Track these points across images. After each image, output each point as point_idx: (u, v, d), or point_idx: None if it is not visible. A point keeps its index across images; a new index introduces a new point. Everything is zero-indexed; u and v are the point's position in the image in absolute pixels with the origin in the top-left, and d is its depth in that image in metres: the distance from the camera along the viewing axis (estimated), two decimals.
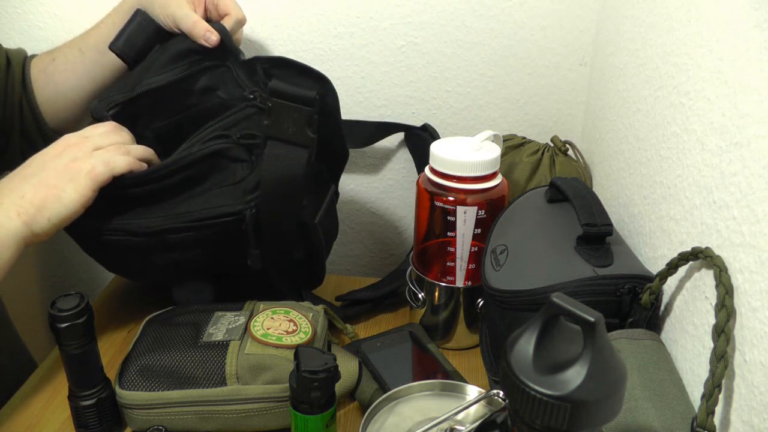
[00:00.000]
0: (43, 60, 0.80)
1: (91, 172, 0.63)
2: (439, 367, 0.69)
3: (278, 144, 0.66)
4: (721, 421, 0.48)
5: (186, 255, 0.70)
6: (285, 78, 0.68)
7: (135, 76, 0.73)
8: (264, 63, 0.72)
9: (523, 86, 0.91)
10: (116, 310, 0.82)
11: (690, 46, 0.58)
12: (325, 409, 0.52)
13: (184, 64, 0.72)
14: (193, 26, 0.71)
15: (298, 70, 0.70)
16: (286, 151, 0.66)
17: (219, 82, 0.73)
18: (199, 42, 0.71)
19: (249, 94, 0.71)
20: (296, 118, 0.65)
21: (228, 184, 0.69)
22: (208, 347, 0.62)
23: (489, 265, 0.67)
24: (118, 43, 0.73)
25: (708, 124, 0.53)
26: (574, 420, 0.32)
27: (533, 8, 0.86)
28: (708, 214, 0.53)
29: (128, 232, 0.67)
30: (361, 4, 0.87)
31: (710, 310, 0.51)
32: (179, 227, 0.67)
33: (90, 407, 0.59)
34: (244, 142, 0.69)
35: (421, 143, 0.90)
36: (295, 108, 0.64)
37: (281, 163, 0.66)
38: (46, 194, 0.61)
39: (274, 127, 0.65)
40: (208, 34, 0.71)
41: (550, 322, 0.34)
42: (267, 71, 0.72)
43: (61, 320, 0.55)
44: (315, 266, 0.78)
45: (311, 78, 0.70)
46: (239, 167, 0.69)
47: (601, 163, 0.83)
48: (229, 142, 0.69)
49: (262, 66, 0.72)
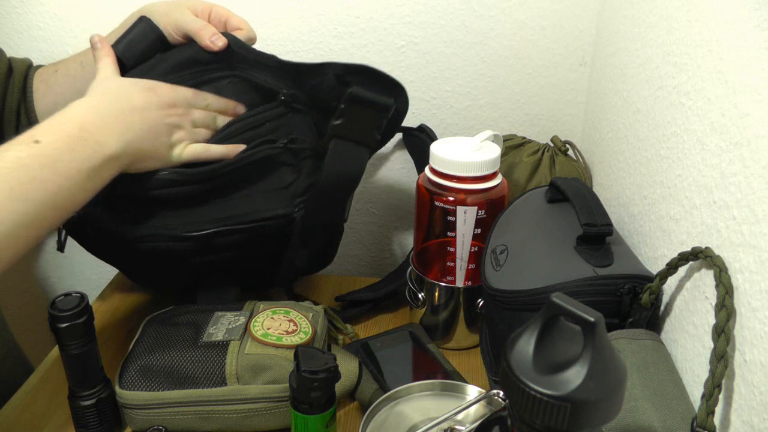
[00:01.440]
0: (47, 71, 0.80)
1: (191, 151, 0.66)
2: (439, 367, 0.69)
3: (344, 143, 0.67)
4: (721, 421, 0.48)
5: (224, 256, 0.70)
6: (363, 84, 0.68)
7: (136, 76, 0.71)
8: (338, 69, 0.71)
9: (523, 86, 0.91)
10: (116, 310, 0.82)
11: (690, 46, 0.58)
12: (325, 409, 0.52)
13: (186, 75, 0.71)
14: (200, 29, 0.70)
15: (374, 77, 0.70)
16: (350, 149, 0.68)
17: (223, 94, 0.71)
18: (204, 44, 0.70)
19: (282, 96, 0.70)
20: (369, 121, 0.67)
21: (275, 188, 0.70)
22: (208, 347, 0.62)
23: (489, 265, 0.67)
24: (118, 47, 0.71)
25: (708, 124, 0.53)
26: (574, 420, 0.32)
27: (533, 8, 0.86)
28: (708, 214, 0.53)
29: (172, 238, 0.67)
30: (361, 4, 0.87)
31: (710, 310, 0.51)
32: (229, 230, 0.68)
33: (90, 407, 0.59)
34: (291, 146, 0.70)
35: (419, 144, 0.91)
36: (371, 113, 0.67)
37: (343, 161, 0.68)
38: (158, 148, 0.64)
39: (344, 127, 0.67)
40: (215, 37, 0.70)
41: (550, 322, 0.34)
42: (339, 78, 0.70)
43: (61, 320, 0.55)
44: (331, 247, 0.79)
45: (388, 85, 0.70)
46: (286, 171, 0.70)
47: (601, 163, 0.83)
48: (277, 148, 0.69)
49: (335, 72, 0.70)
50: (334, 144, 0.67)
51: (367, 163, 0.74)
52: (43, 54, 0.93)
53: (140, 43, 0.71)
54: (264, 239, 0.70)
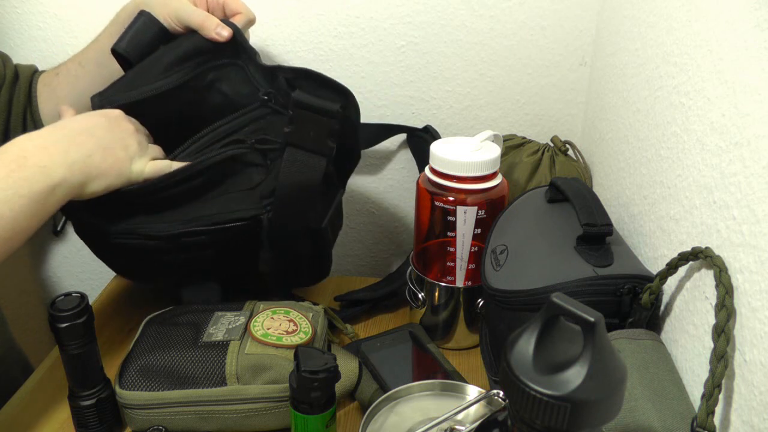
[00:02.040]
0: (49, 74, 0.81)
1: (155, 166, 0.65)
2: (439, 367, 0.69)
3: (297, 151, 0.66)
4: (721, 421, 0.48)
5: (198, 256, 0.70)
6: (308, 89, 0.68)
7: (135, 75, 0.72)
8: (287, 73, 0.71)
9: (523, 86, 0.91)
10: (116, 310, 0.82)
11: (690, 46, 0.58)
12: (325, 409, 0.52)
13: (190, 65, 0.71)
14: (204, 20, 0.69)
15: (321, 83, 0.70)
16: (305, 158, 0.66)
17: (225, 79, 0.72)
18: (209, 36, 0.70)
19: (263, 95, 0.71)
20: (318, 128, 0.66)
21: (244, 189, 0.69)
22: (208, 347, 0.62)
23: (489, 265, 0.67)
24: (121, 44, 0.71)
25: (708, 124, 0.53)
26: (574, 420, 0.32)
27: (533, 8, 0.86)
28: (708, 214, 0.53)
29: (144, 236, 0.67)
30: (361, 4, 0.87)
31: (710, 310, 0.51)
32: (196, 231, 0.68)
33: (90, 407, 0.59)
34: (259, 147, 0.69)
35: (422, 145, 0.90)
36: (318, 119, 0.65)
37: (299, 170, 0.67)
38: (112, 165, 0.62)
39: (295, 134, 0.66)
40: (219, 28, 0.69)
41: (550, 322, 0.34)
42: (289, 81, 0.71)
43: (61, 320, 0.55)
44: (322, 260, 0.78)
45: (334, 91, 0.70)
46: (255, 171, 0.70)
47: (601, 163, 0.83)
48: (244, 147, 0.69)
49: (285, 76, 0.71)
50: (288, 152, 0.67)
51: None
52: (43, 54, 0.93)
53: (142, 37, 0.71)
54: (233, 242, 0.70)
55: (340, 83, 0.70)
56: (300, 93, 0.65)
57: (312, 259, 0.76)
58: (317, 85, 0.70)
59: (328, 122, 0.65)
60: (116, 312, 0.82)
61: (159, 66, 0.71)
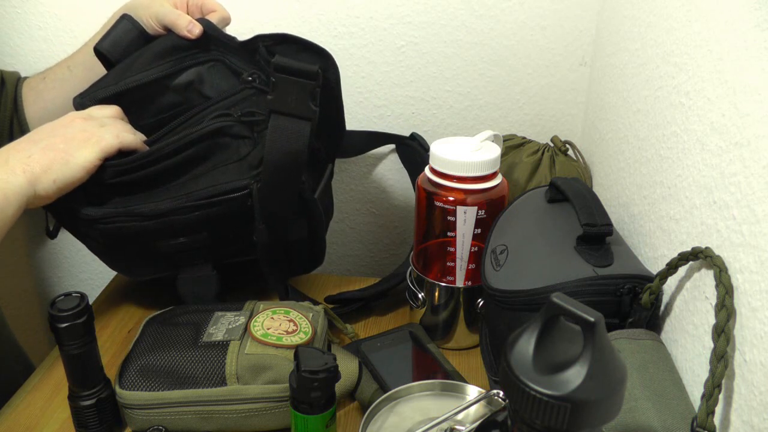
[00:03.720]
0: (35, 79, 0.82)
1: (100, 141, 0.65)
2: (439, 367, 0.69)
3: (282, 117, 0.67)
4: (721, 421, 0.48)
5: (192, 238, 0.71)
6: (288, 54, 0.69)
7: (117, 73, 0.74)
8: (266, 40, 0.73)
9: (523, 86, 0.91)
10: (116, 310, 0.82)
11: (690, 46, 0.58)
12: (325, 409, 0.52)
13: (169, 61, 0.74)
14: (176, 18, 0.73)
15: (301, 46, 0.72)
16: (290, 123, 0.67)
17: (205, 78, 0.74)
18: (182, 34, 0.73)
19: (248, 76, 0.72)
20: (299, 91, 0.66)
21: (232, 162, 0.70)
22: (208, 347, 0.62)
23: (489, 265, 0.67)
24: (103, 44, 0.74)
25: (708, 124, 0.53)
26: (574, 420, 0.32)
27: (533, 8, 0.86)
28: (708, 214, 0.53)
29: (136, 215, 0.68)
30: (361, 4, 0.87)
31: (710, 310, 0.51)
32: (187, 206, 0.68)
33: (90, 407, 0.59)
34: (245, 119, 0.70)
35: (411, 153, 0.91)
36: (298, 82, 0.66)
37: (285, 136, 0.67)
38: (54, 157, 0.63)
39: (277, 101, 0.67)
40: (191, 25, 0.73)
41: (550, 322, 0.34)
42: (269, 48, 0.73)
43: (61, 320, 0.55)
44: (316, 243, 0.79)
45: (313, 53, 0.71)
46: (242, 144, 0.71)
47: (601, 163, 0.83)
48: (230, 120, 0.70)
49: (264, 43, 0.73)
50: (272, 120, 0.67)
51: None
52: (44, 54, 0.93)
53: (123, 39, 0.75)
54: (227, 216, 0.70)
55: (318, 45, 0.71)
56: (279, 57, 0.66)
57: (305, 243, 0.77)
58: (297, 48, 0.72)
59: (309, 84, 0.66)
60: (116, 312, 0.82)
61: (139, 62, 0.73)
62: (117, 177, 0.68)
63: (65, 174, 0.63)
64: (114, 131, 0.67)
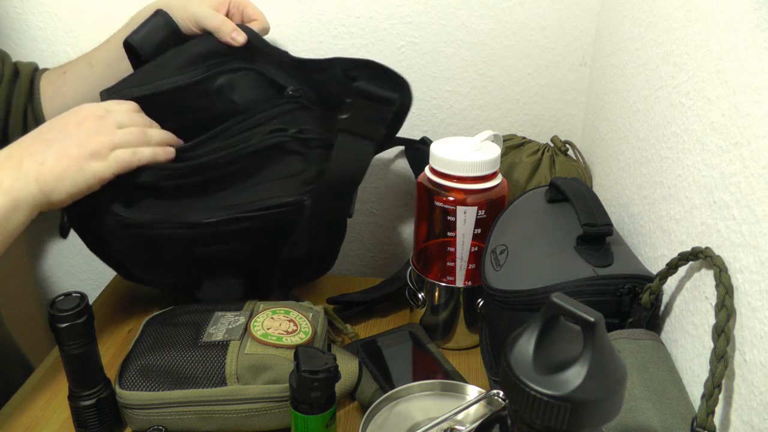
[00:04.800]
0: (55, 73, 0.80)
1: (117, 158, 0.62)
2: (439, 367, 0.69)
3: (349, 136, 0.68)
4: (721, 421, 0.48)
5: (229, 247, 0.70)
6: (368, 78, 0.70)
7: (147, 72, 0.72)
8: (344, 64, 0.72)
9: (523, 86, 0.91)
10: (116, 310, 0.82)
11: (690, 46, 0.58)
12: (325, 409, 0.52)
13: (203, 66, 0.72)
14: (221, 24, 0.71)
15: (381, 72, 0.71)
16: (356, 143, 0.68)
17: (236, 85, 0.72)
18: (225, 40, 0.71)
19: (293, 91, 0.72)
20: (374, 116, 0.68)
21: (284, 177, 0.70)
22: (208, 347, 0.62)
23: (489, 265, 0.67)
24: (135, 36, 0.71)
25: (708, 124, 0.53)
26: (574, 420, 0.32)
27: (533, 8, 0.86)
28: (708, 214, 0.53)
29: (181, 224, 0.67)
30: (361, 4, 0.87)
31: (710, 310, 0.51)
32: (240, 217, 0.68)
33: (90, 407, 0.59)
34: (299, 136, 0.70)
35: (420, 156, 0.91)
36: (375, 107, 0.68)
37: (350, 155, 0.69)
38: (68, 165, 0.60)
39: (349, 121, 0.68)
40: (235, 33, 0.71)
41: (550, 322, 0.34)
42: (346, 72, 0.72)
43: (60, 320, 0.55)
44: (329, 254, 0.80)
45: (392, 80, 0.71)
46: (294, 160, 0.71)
47: (601, 163, 0.83)
48: (287, 136, 0.70)
49: (342, 67, 0.72)
50: (340, 138, 0.68)
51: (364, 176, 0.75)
52: (44, 54, 0.93)
53: (156, 35, 0.72)
54: (272, 229, 0.70)
55: (398, 73, 0.72)
56: (363, 83, 0.68)
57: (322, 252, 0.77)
58: (376, 74, 0.71)
59: (385, 110, 0.68)
60: (116, 312, 0.82)
61: (172, 65, 0.71)
62: (160, 182, 0.66)
63: (79, 185, 0.61)
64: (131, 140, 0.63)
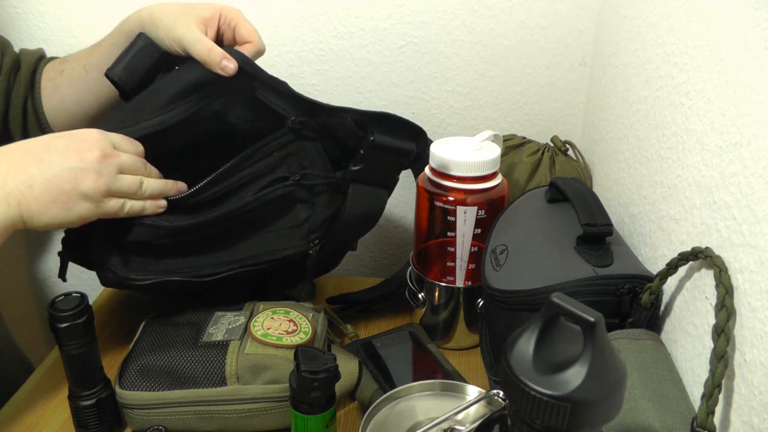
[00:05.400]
0: (54, 68, 0.78)
1: (107, 207, 0.60)
2: (439, 367, 0.69)
3: (363, 186, 0.69)
4: (721, 421, 0.48)
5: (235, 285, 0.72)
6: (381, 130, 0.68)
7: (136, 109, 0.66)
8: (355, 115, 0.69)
9: (523, 86, 0.91)
10: (116, 310, 0.82)
11: (690, 46, 0.58)
12: (325, 409, 0.52)
13: (194, 98, 0.65)
14: (207, 53, 0.64)
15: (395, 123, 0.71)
16: (370, 192, 0.69)
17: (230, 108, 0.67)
18: (214, 71, 0.64)
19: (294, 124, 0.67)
20: (389, 166, 0.69)
21: (290, 226, 0.70)
22: (208, 347, 0.62)
23: (489, 265, 0.67)
24: (116, 70, 0.67)
25: (708, 124, 0.53)
26: (574, 420, 0.32)
27: (533, 8, 0.86)
28: (708, 214, 0.53)
29: (186, 279, 0.66)
30: (361, 4, 0.87)
31: (710, 310, 0.51)
32: (244, 271, 0.68)
33: (90, 407, 0.59)
34: (304, 183, 0.69)
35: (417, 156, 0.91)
36: (390, 159, 0.68)
37: (363, 203, 0.70)
38: (56, 199, 0.57)
39: (363, 172, 0.68)
40: (225, 62, 0.63)
41: (550, 322, 0.34)
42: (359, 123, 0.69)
43: (60, 320, 0.55)
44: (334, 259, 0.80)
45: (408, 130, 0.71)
46: (301, 208, 0.70)
47: (601, 163, 0.83)
48: (289, 186, 0.68)
49: (353, 117, 0.69)
50: (353, 189, 0.68)
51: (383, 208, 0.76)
52: None
53: (139, 63, 0.67)
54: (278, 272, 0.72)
55: (414, 123, 0.72)
56: (380, 136, 0.67)
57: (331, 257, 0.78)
58: (392, 126, 0.70)
59: (400, 161, 0.68)
60: (116, 312, 0.82)
61: (160, 99, 0.65)
62: (160, 239, 0.64)
63: (59, 221, 0.58)
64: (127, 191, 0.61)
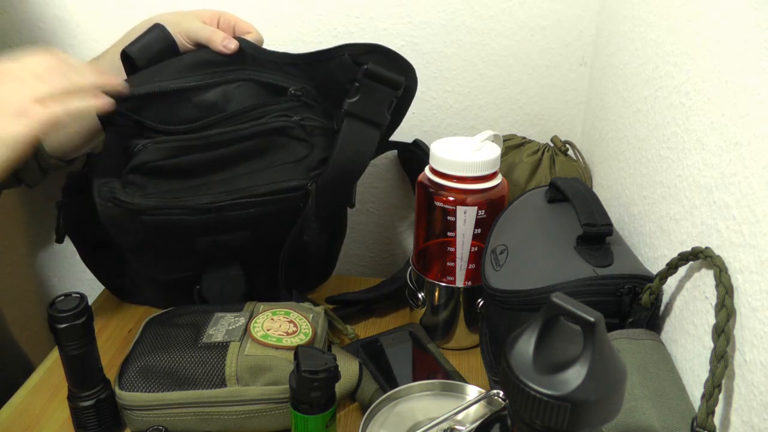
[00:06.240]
0: None
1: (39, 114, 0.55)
2: (439, 367, 0.69)
3: (356, 122, 0.69)
4: (721, 421, 0.48)
5: (234, 236, 0.71)
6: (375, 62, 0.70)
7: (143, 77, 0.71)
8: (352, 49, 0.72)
9: (523, 86, 0.91)
10: (116, 310, 0.82)
11: (690, 46, 0.58)
12: (325, 409, 0.52)
13: (199, 74, 0.72)
14: (211, 33, 0.72)
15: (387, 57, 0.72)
16: (362, 128, 0.69)
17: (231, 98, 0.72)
18: (217, 49, 0.72)
19: (295, 90, 0.72)
20: (381, 99, 0.68)
21: (290, 162, 0.71)
22: (207, 348, 0.62)
23: (489, 265, 0.67)
24: (132, 48, 0.72)
25: (708, 124, 0.53)
26: (574, 420, 0.32)
27: (533, 8, 0.86)
28: (708, 214, 0.52)
29: (187, 208, 0.67)
30: (361, 4, 0.87)
31: (710, 310, 0.51)
32: (243, 203, 0.68)
33: (89, 408, 0.59)
34: (303, 123, 0.71)
35: (413, 158, 0.91)
36: (383, 90, 0.68)
37: (355, 141, 0.69)
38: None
39: (357, 105, 0.68)
40: (226, 41, 0.72)
41: (550, 322, 0.34)
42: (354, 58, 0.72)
43: (60, 321, 0.55)
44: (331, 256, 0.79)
45: (398, 64, 0.72)
46: (299, 146, 0.71)
47: (601, 163, 0.83)
48: (291, 122, 0.70)
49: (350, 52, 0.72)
50: (347, 123, 0.69)
51: (368, 164, 0.75)
52: None
53: (153, 47, 0.73)
54: (278, 216, 0.71)
55: (404, 58, 0.72)
56: (373, 65, 0.68)
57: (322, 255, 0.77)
58: (384, 58, 0.72)
59: (391, 93, 0.69)
60: (116, 312, 0.82)
61: (168, 71, 0.71)
62: (163, 159, 0.66)
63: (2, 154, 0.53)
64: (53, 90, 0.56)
